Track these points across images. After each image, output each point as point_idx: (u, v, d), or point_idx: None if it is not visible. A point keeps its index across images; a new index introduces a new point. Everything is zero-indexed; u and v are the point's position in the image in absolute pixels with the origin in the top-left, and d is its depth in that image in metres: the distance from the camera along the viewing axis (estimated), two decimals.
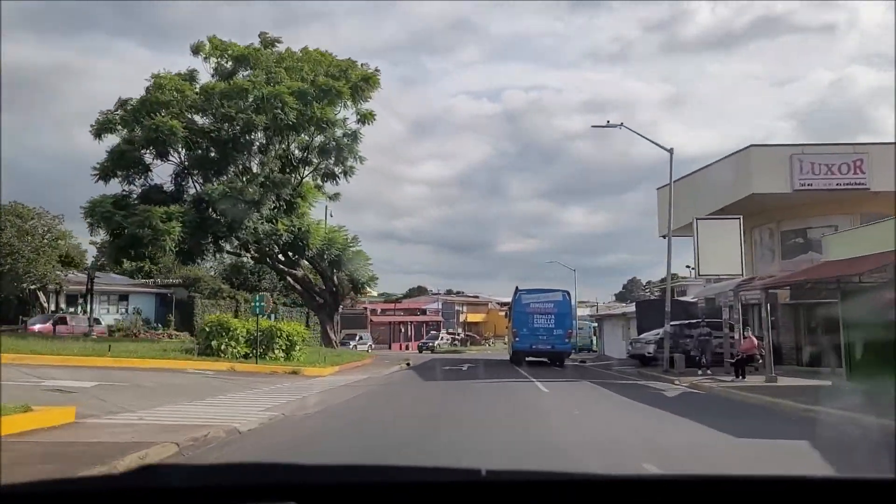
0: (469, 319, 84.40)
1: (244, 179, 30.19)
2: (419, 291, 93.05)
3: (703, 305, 29.50)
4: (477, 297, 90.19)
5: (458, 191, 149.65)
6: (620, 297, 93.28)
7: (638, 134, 26.11)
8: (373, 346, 46.57)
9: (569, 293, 30.90)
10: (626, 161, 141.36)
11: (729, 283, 24.83)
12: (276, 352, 22.92)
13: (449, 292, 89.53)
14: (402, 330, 62.74)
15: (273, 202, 29.84)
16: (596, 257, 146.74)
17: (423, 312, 69.73)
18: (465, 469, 1.43)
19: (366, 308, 56.71)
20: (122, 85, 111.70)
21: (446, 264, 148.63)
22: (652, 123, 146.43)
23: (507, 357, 32.53)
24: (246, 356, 21.86)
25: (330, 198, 35.28)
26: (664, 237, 26.47)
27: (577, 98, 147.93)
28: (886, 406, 10.38)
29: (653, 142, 25.89)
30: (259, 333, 22.08)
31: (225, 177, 30.41)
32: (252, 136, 30.10)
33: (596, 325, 52.75)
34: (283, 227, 29.76)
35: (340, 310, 38.36)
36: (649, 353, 26.61)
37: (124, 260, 31.48)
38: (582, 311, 58.77)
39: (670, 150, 25.18)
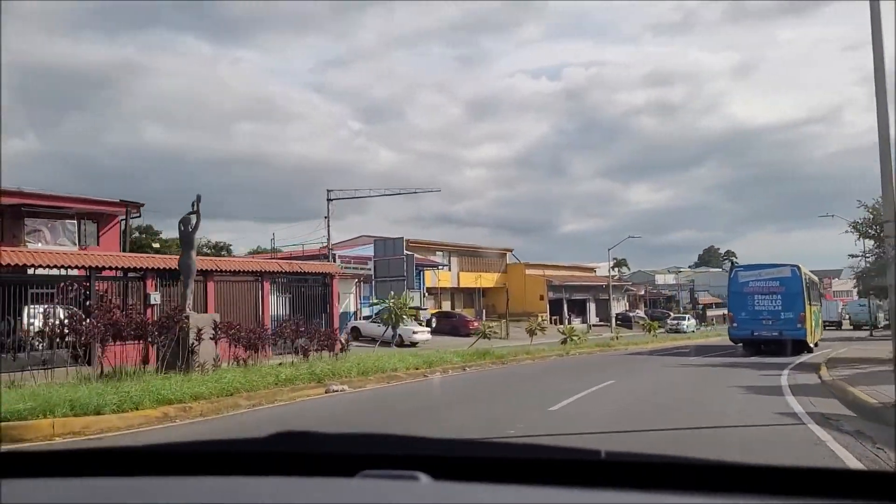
0: (463, 284, 51.87)
1: None
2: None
3: None
4: (476, 246, 54.96)
5: (518, 171, 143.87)
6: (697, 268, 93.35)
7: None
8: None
9: (799, 268, 25.57)
10: (692, 136, 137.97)
11: None
12: None
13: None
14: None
15: None
16: (661, 235, 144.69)
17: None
18: (585, 449, 1.48)
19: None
20: (186, 80, 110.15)
21: (505, 245, 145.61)
22: (719, 93, 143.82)
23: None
24: None
25: None
26: None
27: (640, 72, 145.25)
28: None
29: None
30: None
31: None
32: None
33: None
34: None
35: None
36: None
37: None
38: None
39: None
